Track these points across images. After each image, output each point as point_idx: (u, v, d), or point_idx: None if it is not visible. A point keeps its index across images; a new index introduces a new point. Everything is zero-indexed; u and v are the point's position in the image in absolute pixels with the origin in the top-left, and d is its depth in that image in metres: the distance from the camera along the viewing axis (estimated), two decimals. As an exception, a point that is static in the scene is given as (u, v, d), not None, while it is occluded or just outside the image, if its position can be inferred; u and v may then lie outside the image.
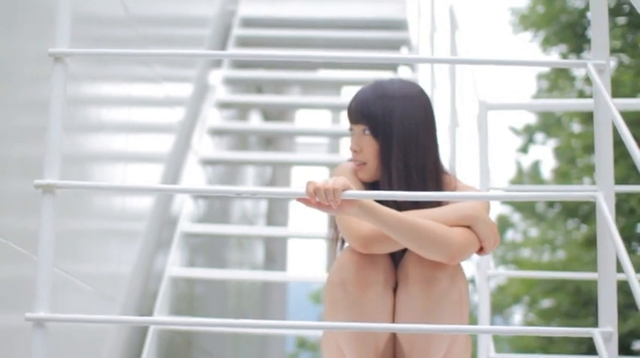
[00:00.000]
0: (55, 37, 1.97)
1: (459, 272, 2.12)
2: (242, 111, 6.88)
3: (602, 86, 1.87)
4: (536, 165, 18.57)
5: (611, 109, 1.81)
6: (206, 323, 2.17)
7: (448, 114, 3.85)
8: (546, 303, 13.77)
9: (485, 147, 3.14)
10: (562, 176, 14.64)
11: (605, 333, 1.80)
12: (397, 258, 2.18)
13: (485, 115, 3.15)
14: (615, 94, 10.53)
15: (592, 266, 11.84)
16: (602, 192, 1.86)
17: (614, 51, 11.58)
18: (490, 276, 3.05)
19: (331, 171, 2.31)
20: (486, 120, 3.15)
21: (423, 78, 5.18)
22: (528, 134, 16.13)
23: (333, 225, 2.33)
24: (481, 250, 2.13)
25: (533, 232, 17.61)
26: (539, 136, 16.21)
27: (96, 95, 3.19)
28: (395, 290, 2.17)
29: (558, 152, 15.54)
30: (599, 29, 1.99)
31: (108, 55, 2.74)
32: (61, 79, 1.97)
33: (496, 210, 21.76)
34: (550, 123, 15.14)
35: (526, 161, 18.75)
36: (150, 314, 3.77)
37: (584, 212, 13.65)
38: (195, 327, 3.60)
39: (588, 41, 12.11)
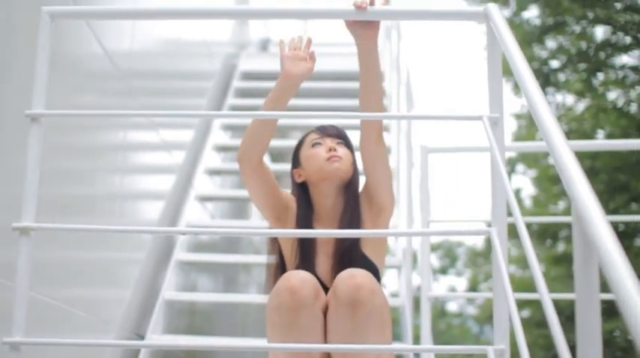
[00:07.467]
0: (32, 98, 2.01)
1: (380, 295, 2.14)
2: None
3: (494, 138, 1.89)
4: (517, 193, 18.56)
5: (497, 160, 1.82)
6: (185, 345, 2.19)
7: (405, 156, 3.88)
8: (525, 314, 13.72)
9: (426, 185, 3.17)
10: (537, 202, 14.66)
11: (497, 350, 1.82)
12: (328, 283, 2.21)
13: (426, 158, 3.18)
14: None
15: (559, 281, 11.80)
16: (495, 228, 1.88)
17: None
18: (430, 297, 3.05)
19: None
20: (427, 161, 3.17)
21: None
22: (511, 165, 16.17)
23: (274, 251, 2.40)
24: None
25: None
26: (520, 167, 16.26)
27: (91, 142, 3.21)
28: (325, 312, 2.19)
29: (536, 181, 15.60)
30: (493, 84, 2.00)
31: (84, 115, 2.74)
32: (37, 139, 2.01)
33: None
34: (527, 156, 15.21)
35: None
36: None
37: (564, 233, 13.72)
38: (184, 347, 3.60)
39: (552, 84, 12.21)
